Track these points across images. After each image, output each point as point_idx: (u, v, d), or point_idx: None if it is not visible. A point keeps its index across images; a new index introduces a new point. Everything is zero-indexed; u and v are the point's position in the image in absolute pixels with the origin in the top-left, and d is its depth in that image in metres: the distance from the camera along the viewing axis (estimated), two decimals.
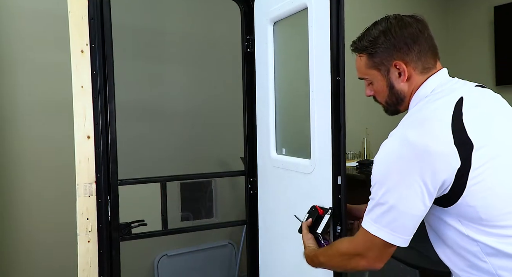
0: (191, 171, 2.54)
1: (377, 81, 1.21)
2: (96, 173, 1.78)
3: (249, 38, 2.04)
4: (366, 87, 1.26)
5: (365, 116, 3.81)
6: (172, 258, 2.86)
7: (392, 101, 1.21)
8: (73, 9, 1.70)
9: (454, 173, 0.98)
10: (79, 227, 1.74)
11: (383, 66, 1.17)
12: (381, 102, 1.26)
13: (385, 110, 1.28)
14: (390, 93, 1.20)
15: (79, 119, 1.75)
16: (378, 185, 1.07)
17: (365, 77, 1.23)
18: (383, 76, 1.19)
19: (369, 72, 1.21)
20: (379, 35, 1.16)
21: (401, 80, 1.17)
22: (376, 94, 1.25)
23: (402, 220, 1.04)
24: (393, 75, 1.17)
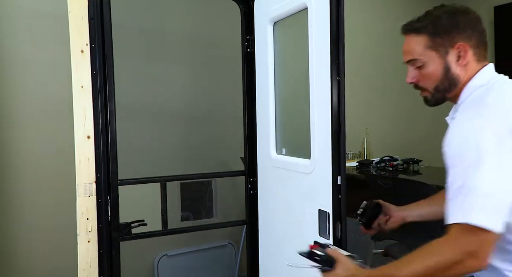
0: (191, 171, 2.54)
1: (432, 64, 1.14)
2: (96, 173, 1.78)
3: (249, 38, 2.04)
4: (411, 72, 1.18)
5: (365, 116, 3.82)
6: (172, 258, 2.86)
7: (444, 86, 1.15)
8: (73, 9, 1.71)
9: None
10: (79, 227, 1.75)
11: (443, 47, 1.13)
12: (427, 89, 1.17)
13: (428, 99, 1.19)
14: (444, 77, 1.14)
15: (79, 119, 1.75)
16: (469, 168, 0.96)
17: (419, 58, 1.15)
18: (440, 58, 1.13)
19: (425, 53, 1.14)
20: (442, 15, 1.13)
21: (459, 64, 1.13)
22: (425, 78, 1.16)
23: (504, 203, 0.95)
24: (452, 57, 1.13)
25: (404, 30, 1.20)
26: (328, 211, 1.44)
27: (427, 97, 1.19)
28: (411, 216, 1.42)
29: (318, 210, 1.49)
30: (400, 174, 2.86)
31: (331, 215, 1.42)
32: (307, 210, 1.57)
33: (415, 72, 1.17)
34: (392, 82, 3.98)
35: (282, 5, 1.73)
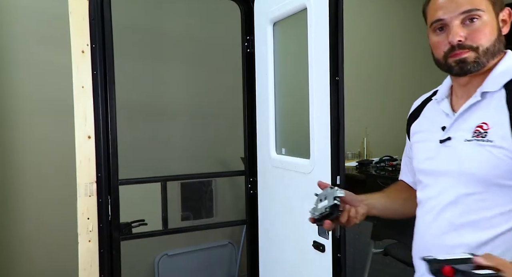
0: (191, 171, 2.54)
1: (490, 19, 0.99)
2: (97, 173, 1.79)
3: (249, 39, 2.04)
4: (458, 29, 0.99)
5: (364, 116, 3.83)
6: (172, 257, 2.87)
7: (494, 50, 1.00)
8: (74, 10, 1.71)
9: None
10: (79, 227, 1.75)
11: (497, 5, 1.01)
12: (477, 47, 0.99)
13: (468, 62, 0.99)
14: (497, 39, 1.00)
15: (79, 119, 1.76)
16: None
17: (480, 9, 0.98)
18: (495, 15, 1.00)
19: (486, 6, 0.99)
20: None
21: (503, 31, 1.02)
22: (478, 34, 0.99)
23: None
24: (499, 20, 1.02)
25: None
26: None
27: (469, 58, 0.99)
28: (375, 209, 1.21)
29: None
30: None
31: None
32: (306, 210, 1.57)
33: (464, 30, 0.99)
34: (392, 81, 3.99)
35: (281, 5, 1.74)
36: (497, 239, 0.97)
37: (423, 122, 1.18)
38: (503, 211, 0.96)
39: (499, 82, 0.99)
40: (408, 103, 1.29)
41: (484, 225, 0.98)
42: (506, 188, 0.95)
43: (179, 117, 2.93)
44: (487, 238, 0.97)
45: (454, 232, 1.02)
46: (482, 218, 0.98)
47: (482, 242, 0.98)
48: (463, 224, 1.00)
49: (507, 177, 0.94)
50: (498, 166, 0.94)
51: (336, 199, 1.06)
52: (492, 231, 0.97)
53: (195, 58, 2.93)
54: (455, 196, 1.02)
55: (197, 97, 2.96)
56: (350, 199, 1.15)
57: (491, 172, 0.96)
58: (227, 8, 2.11)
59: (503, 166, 0.94)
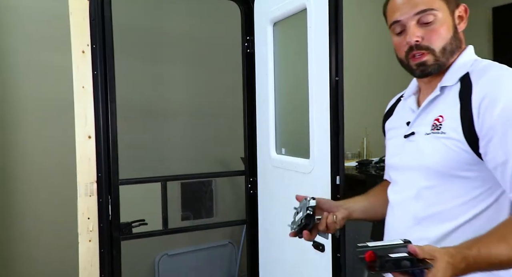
0: (192, 171, 2.55)
1: (444, 18, 1.00)
2: (97, 173, 1.79)
3: (249, 39, 2.05)
4: (414, 29, 1.00)
5: (364, 116, 3.82)
6: (173, 257, 2.87)
7: (451, 48, 1.01)
8: (74, 10, 1.72)
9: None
10: (80, 227, 1.76)
11: (451, 3, 1.01)
12: (433, 49, 1.00)
13: (428, 63, 1.01)
14: (453, 37, 1.01)
15: (80, 119, 1.76)
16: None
17: (434, 8, 0.99)
18: (450, 14, 1.01)
19: (440, 5, 1.00)
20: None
21: (460, 27, 1.02)
22: (433, 35, 1.00)
23: None
24: (456, 17, 1.02)
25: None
26: None
27: (428, 61, 1.01)
28: (356, 212, 1.22)
29: None
30: None
31: None
32: None
33: (421, 30, 1.00)
34: (392, 81, 3.98)
35: (281, 5, 1.74)
36: (457, 231, 0.98)
37: (394, 119, 1.21)
38: (461, 202, 0.98)
39: (456, 76, 1.01)
40: None
41: (445, 217, 1.00)
42: (462, 179, 0.98)
43: (179, 117, 2.93)
44: (448, 230, 0.99)
45: (418, 226, 1.04)
46: (442, 210, 1.00)
47: (444, 234, 1.00)
48: (426, 217, 1.03)
49: (461, 168, 0.97)
50: (451, 158, 0.97)
51: (309, 209, 1.08)
52: (454, 222, 0.99)
53: (195, 58, 2.93)
54: (417, 190, 1.04)
55: (197, 97, 2.96)
56: (327, 206, 1.18)
57: (445, 164, 0.98)
58: (227, 8, 2.11)
59: (456, 157, 0.96)
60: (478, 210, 0.97)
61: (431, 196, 1.02)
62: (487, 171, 0.95)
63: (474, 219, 0.97)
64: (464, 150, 0.95)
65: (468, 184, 0.97)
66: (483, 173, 0.96)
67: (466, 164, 0.96)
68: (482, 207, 0.97)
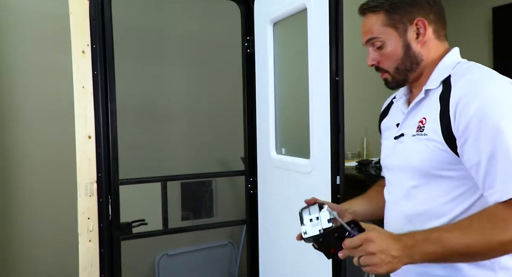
0: (192, 171, 2.55)
1: (391, 42, 1.08)
2: (97, 173, 1.79)
3: (249, 39, 2.05)
4: (370, 54, 1.12)
5: (364, 116, 3.82)
6: (173, 257, 2.87)
7: (405, 66, 1.08)
8: (74, 10, 1.72)
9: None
10: (80, 227, 1.76)
11: (402, 24, 1.07)
12: (388, 70, 1.11)
13: (389, 82, 1.13)
14: (405, 56, 1.08)
15: (80, 119, 1.76)
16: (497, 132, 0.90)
17: (377, 37, 1.09)
18: (399, 36, 1.08)
19: (383, 31, 1.08)
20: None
21: (419, 41, 1.07)
22: (385, 59, 1.10)
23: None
24: (411, 35, 1.07)
25: (361, 10, 1.14)
26: None
27: (388, 79, 1.12)
28: (360, 215, 1.25)
29: None
30: None
31: None
32: None
33: (375, 54, 1.11)
34: None
35: (281, 6, 1.74)
36: None
37: (388, 119, 1.26)
38: (446, 201, 1.02)
39: (438, 80, 1.05)
40: None
41: (431, 215, 1.04)
42: (445, 179, 1.01)
43: (179, 117, 2.93)
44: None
45: (409, 224, 1.08)
46: (428, 209, 1.05)
47: None
48: (415, 215, 1.07)
49: (443, 168, 1.01)
50: (433, 158, 1.01)
51: (330, 221, 1.07)
52: (440, 220, 1.02)
53: (195, 58, 2.93)
54: (406, 189, 1.09)
55: (197, 97, 2.96)
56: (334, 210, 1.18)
57: (427, 164, 1.02)
58: (227, 8, 2.11)
59: (437, 157, 1.00)
60: (463, 208, 1.00)
61: (418, 195, 1.07)
62: (467, 170, 0.98)
63: (460, 217, 0.99)
64: (443, 150, 0.99)
65: (451, 183, 1.01)
66: (464, 172, 0.99)
67: (446, 164, 1.00)
68: (467, 205, 1.00)
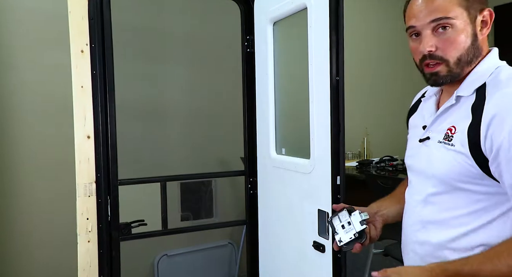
0: (191, 171, 2.54)
1: (461, 26, 0.95)
2: (96, 173, 1.78)
3: (249, 38, 2.04)
4: (429, 38, 0.98)
5: (365, 116, 3.82)
6: (172, 258, 2.86)
7: (469, 58, 0.98)
8: (73, 9, 1.71)
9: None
10: (79, 227, 1.75)
11: (473, 10, 0.97)
12: (447, 59, 0.98)
13: (441, 75, 0.99)
14: (471, 46, 0.97)
15: (79, 119, 1.75)
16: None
17: (450, 17, 0.95)
18: (470, 22, 0.97)
19: (457, 12, 0.95)
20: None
21: (483, 34, 0.99)
22: (449, 45, 0.97)
23: None
24: (478, 24, 0.98)
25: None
26: (327, 211, 1.44)
27: (441, 72, 0.99)
28: (390, 217, 1.24)
29: (318, 210, 1.49)
30: (400, 174, 2.86)
31: (330, 215, 1.42)
32: (306, 210, 1.58)
33: (434, 39, 0.97)
34: (393, 81, 3.98)
35: (282, 5, 1.73)
36: (460, 239, 0.99)
37: (416, 117, 1.20)
38: (465, 213, 0.98)
39: (472, 87, 0.98)
40: (409, 103, 1.29)
41: (447, 225, 1.01)
42: (466, 191, 0.97)
43: (179, 117, 2.93)
44: (450, 237, 1.00)
45: (423, 229, 1.06)
46: (446, 218, 1.01)
47: (446, 240, 1.01)
48: (430, 222, 1.05)
49: (466, 181, 0.97)
50: (457, 170, 0.97)
51: (363, 223, 1.12)
52: (456, 230, 0.99)
53: (195, 58, 2.92)
54: (425, 195, 1.06)
55: (197, 96, 2.95)
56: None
57: (450, 175, 0.98)
58: (227, 7, 2.10)
59: (461, 170, 0.96)
60: (482, 222, 0.96)
61: (437, 203, 1.03)
62: (495, 187, 0.94)
63: (479, 230, 0.96)
64: (470, 165, 0.94)
65: (473, 197, 0.97)
66: (489, 188, 0.95)
67: (471, 178, 0.96)
68: (486, 220, 0.96)
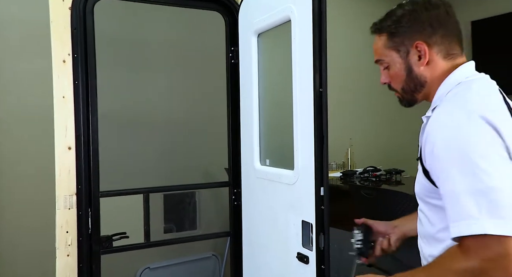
0: (175, 182, 2.51)
1: (395, 64, 1.12)
2: (77, 185, 1.75)
3: (233, 49, 2.05)
4: (382, 73, 1.17)
5: (349, 127, 3.85)
6: (155, 271, 2.80)
7: (410, 87, 1.12)
8: (55, 19, 1.69)
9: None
10: (58, 241, 1.71)
11: (403, 46, 1.10)
12: (397, 90, 1.16)
13: (400, 100, 1.18)
14: (408, 78, 1.11)
15: (60, 129, 1.72)
16: (465, 170, 0.89)
17: (382, 59, 1.14)
18: (401, 58, 1.11)
19: (387, 53, 1.13)
20: (403, 14, 1.10)
21: (420, 64, 1.09)
22: (392, 79, 1.15)
23: (502, 198, 0.86)
24: (413, 58, 1.10)
25: (372, 30, 1.17)
26: (311, 222, 1.44)
27: (399, 97, 1.17)
28: (413, 230, 1.23)
29: (302, 221, 1.49)
30: (383, 185, 2.88)
31: (314, 226, 1.42)
32: (290, 221, 1.57)
33: (384, 73, 1.16)
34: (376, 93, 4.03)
35: (266, 17, 1.74)
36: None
37: None
38: (442, 228, 1.01)
39: (432, 107, 1.09)
40: (392, 115, 1.32)
41: (432, 240, 1.07)
42: (437, 207, 1.02)
43: (163, 128, 2.90)
44: (438, 251, 1.03)
45: (420, 240, 1.14)
46: (430, 233, 1.08)
47: (432, 255, 1.06)
48: (422, 236, 1.12)
49: (431, 196, 1.03)
50: (422, 186, 1.05)
51: (357, 243, 1.30)
52: (441, 245, 1.02)
53: (179, 68, 2.91)
54: (418, 210, 1.13)
55: (181, 107, 2.94)
56: (383, 228, 1.33)
57: (420, 191, 1.07)
58: (212, 18, 2.11)
59: (424, 185, 1.04)
60: None
61: (422, 218, 1.11)
62: None
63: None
64: (425, 180, 1.02)
65: (443, 212, 0.97)
66: None
67: (432, 193, 1.02)
68: None
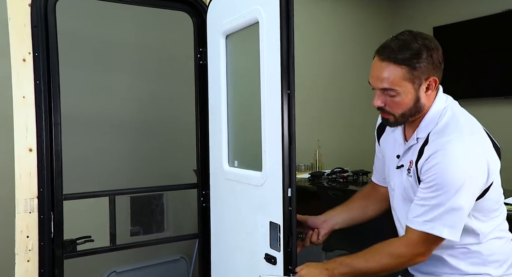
0: (142, 184, 2.47)
1: (406, 94, 1.21)
2: (39, 188, 1.69)
3: (201, 51, 2.03)
4: (380, 97, 1.25)
5: (317, 129, 3.91)
6: (122, 275, 2.75)
7: (411, 113, 1.25)
8: (14, 16, 1.62)
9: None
10: (17, 246, 1.64)
11: (418, 80, 1.20)
12: (393, 114, 1.26)
13: (390, 123, 1.29)
14: (413, 106, 1.23)
15: (20, 131, 1.66)
16: (446, 189, 1.16)
17: (395, 88, 1.21)
18: (414, 90, 1.21)
19: (402, 84, 1.20)
20: (421, 49, 1.19)
21: (427, 94, 1.24)
22: (394, 105, 1.24)
23: (462, 217, 1.18)
24: (422, 89, 1.22)
25: (383, 56, 1.21)
26: (279, 223, 1.44)
27: (390, 119, 1.27)
28: (338, 224, 1.52)
29: (270, 222, 1.49)
30: (350, 185, 2.93)
31: (281, 227, 1.42)
32: (258, 223, 1.57)
33: (384, 98, 1.24)
34: (344, 94, 4.11)
35: (234, 18, 1.74)
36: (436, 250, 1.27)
37: (388, 139, 1.44)
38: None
39: (426, 132, 1.26)
40: (359, 117, 1.37)
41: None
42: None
43: (129, 129, 2.84)
44: None
45: (401, 230, 1.35)
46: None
47: None
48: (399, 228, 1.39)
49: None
50: (412, 190, 1.30)
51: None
52: None
53: (146, 69, 2.87)
54: (404, 213, 1.34)
55: (147, 108, 2.89)
56: (312, 222, 1.50)
57: (410, 194, 1.30)
58: (180, 19, 2.09)
59: (415, 189, 1.28)
60: None
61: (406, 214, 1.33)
62: None
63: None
64: (417, 185, 1.26)
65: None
66: None
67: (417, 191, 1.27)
68: None
